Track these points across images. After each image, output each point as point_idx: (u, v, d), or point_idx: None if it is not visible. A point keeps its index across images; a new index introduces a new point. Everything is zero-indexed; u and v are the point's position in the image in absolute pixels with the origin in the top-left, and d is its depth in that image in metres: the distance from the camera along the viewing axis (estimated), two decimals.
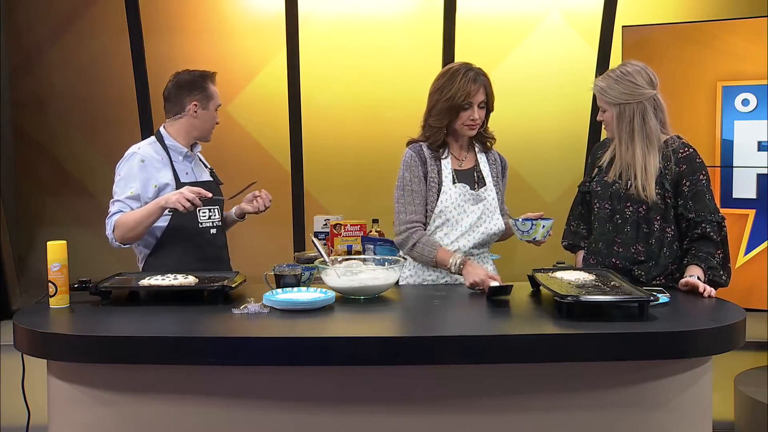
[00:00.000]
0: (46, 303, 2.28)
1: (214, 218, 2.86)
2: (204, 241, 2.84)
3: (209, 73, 2.84)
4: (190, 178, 2.85)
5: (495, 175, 2.77)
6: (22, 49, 4.39)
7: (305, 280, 2.51)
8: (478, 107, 2.63)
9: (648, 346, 1.98)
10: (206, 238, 2.84)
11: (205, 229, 2.84)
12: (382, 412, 2.02)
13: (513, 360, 1.98)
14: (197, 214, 2.81)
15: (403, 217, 2.67)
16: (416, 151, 2.69)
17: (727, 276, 2.56)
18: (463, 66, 2.66)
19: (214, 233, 2.87)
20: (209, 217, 2.84)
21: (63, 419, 2.11)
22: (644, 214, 2.60)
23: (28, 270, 4.45)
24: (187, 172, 2.85)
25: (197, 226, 2.82)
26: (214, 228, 2.86)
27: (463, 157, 2.75)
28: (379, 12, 4.39)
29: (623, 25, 3.89)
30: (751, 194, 3.53)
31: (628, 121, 2.58)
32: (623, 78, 2.58)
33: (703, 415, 2.14)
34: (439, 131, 2.67)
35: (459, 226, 2.68)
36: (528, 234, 2.55)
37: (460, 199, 2.68)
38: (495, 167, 2.78)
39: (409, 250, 2.66)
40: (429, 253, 2.62)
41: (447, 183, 2.67)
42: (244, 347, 1.96)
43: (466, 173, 2.73)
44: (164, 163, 2.80)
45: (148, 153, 2.80)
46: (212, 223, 2.85)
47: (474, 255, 2.71)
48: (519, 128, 4.37)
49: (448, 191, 2.67)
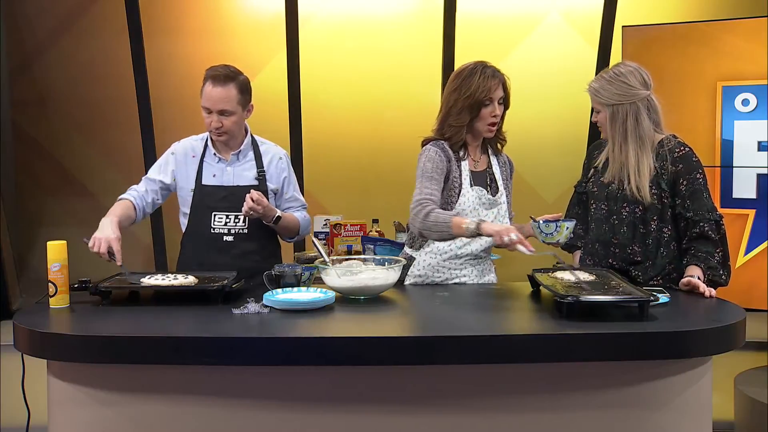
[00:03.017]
0: (46, 303, 2.28)
1: (231, 225, 2.79)
2: (216, 248, 2.79)
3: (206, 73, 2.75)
4: (219, 181, 2.81)
5: (505, 178, 2.77)
6: (22, 49, 4.39)
7: (305, 280, 2.51)
8: (498, 103, 2.63)
9: (648, 346, 1.98)
10: (218, 245, 2.79)
11: (218, 235, 2.79)
12: (382, 412, 2.02)
13: (513, 360, 1.97)
14: (212, 218, 2.79)
15: (418, 196, 2.57)
16: (441, 148, 2.63)
17: (727, 275, 2.56)
18: (479, 64, 2.66)
19: (230, 240, 2.80)
20: (225, 223, 2.79)
21: (63, 419, 2.11)
22: (641, 215, 2.60)
23: (28, 270, 4.45)
24: (215, 174, 2.81)
25: (210, 231, 2.79)
26: (231, 236, 2.80)
27: (477, 158, 2.74)
28: (379, 12, 4.39)
29: (623, 25, 3.90)
30: (751, 194, 3.53)
31: (621, 122, 2.58)
32: (616, 79, 2.58)
33: (703, 415, 2.14)
34: (460, 130, 2.64)
35: None
36: (552, 236, 2.45)
37: (476, 203, 2.66)
38: (504, 170, 2.78)
39: (423, 220, 2.52)
40: (444, 219, 2.48)
41: (466, 185, 2.65)
42: (244, 347, 1.96)
43: (480, 175, 2.72)
44: (194, 161, 2.81)
45: (183, 146, 2.86)
46: (228, 230, 2.80)
47: (481, 258, 2.71)
48: (519, 128, 4.33)
49: (467, 194, 2.65)
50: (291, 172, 2.96)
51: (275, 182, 2.89)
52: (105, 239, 2.49)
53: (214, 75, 2.71)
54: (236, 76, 2.74)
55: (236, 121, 2.76)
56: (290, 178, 2.94)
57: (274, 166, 2.88)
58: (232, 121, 2.74)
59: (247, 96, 2.78)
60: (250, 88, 2.81)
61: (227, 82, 2.70)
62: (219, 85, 2.70)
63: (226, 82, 2.70)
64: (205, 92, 2.72)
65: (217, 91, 2.70)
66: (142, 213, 2.83)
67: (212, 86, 2.70)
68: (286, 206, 2.92)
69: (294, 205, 2.95)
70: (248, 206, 2.63)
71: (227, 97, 2.71)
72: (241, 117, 2.78)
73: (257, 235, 2.82)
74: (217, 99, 2.70)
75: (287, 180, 2.92)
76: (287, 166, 2.93)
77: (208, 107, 2.72)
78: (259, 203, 2.64)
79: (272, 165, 2.88)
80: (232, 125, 2.75)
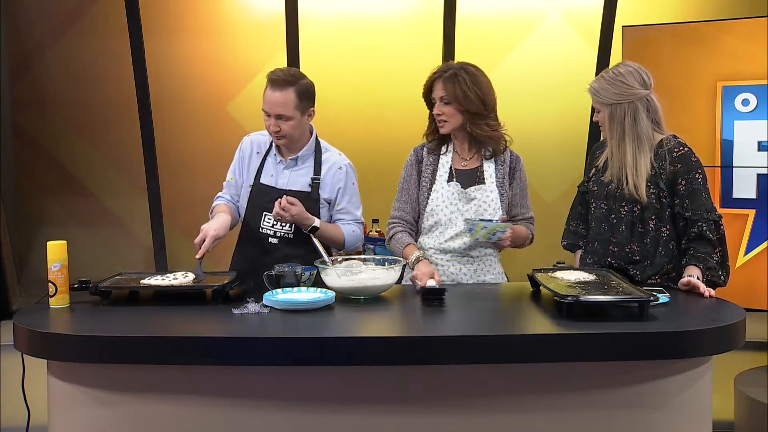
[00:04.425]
0: (46, 303, 2.28)
1: (277, 228, 2.78)
2: (260, 248, 2.79)
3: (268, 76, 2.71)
4: (274, 182, 2.80)
5: (501, 176, 2.75)
6: (22, 49, 4.38)
7: (305, 280, 2.51)
8: (441, 102, 2.67)
9: (648, 346, 1.98)
10: (263, 245, 2.79)
11: (264, 236, 2.79)
12: (382, 412, 2.02)
13: (513, 360, 1.98)
14: (262, 217, 2.79)
15: (391, 213, 2.80)
16: (416, 151, 2.80)
17: (726, 275, 2.56)
18: (444, 63, 2.75)
19: (274, 243, 2.79)
20: (272, 225, 2.78)
21: (63, 419, 2.11)
22: (639, 214, 2.60)
23: (28, 270, 4.45)
24: (272, 174, 2.81)
25: (259, 231, 2.80)
26: (276, 238, 2.79)
27: (467, 156, 2.75)
28: (379, 12, 4.39)
29: (623, 25, 3.89)
30: (751, 194, 3.53)
31: (619, 122, 2.58)
32: (615, 79, 2.59)
33: (703, 415, 2.14)
34: (429, 126, 2.78)
35: (453, 225, 2.70)
36: (470, 234, 2.62)
37: (452, 198, 2.69)
38: (503, 168, 2.76)
39: (388, 243, 2.80)
40: (397, 249, 2.74)
41: (440, 181, 2.70)
42: (244, 347, 1.96)
43: (467, 173, 2.73)
44: (258, 158, 2.84)
45: (251, 141, 2.89)
46: (274, 232, 2.79)
47: (472, 257, 2.72)
48: (519, 128, 4.32)
49: (440, 189, 2.70)
50: (350, 184, 2.88)
51: (329, 192, 2.84)
52: (204, 231, 2.56)
53: (273, 79, 2.69)
54: (297, 81, 2.70)
55: (294, 125, 2.73)
56: (346, 189, 2.87)
57: (331, 176, 2.84)
58: (290, 126, 2.71)
59: (307, 101, 2.74)
60: (312, 93, 2.77)
61: (286, 87, 2.67)
62: (278, 89, 2.67)
63: (285, 87, 2.67)
64: (265, 96, 2.70)
65: (275, 95, 2.67)
66: (238, 213, 2.88)
67: (271, 90, 2.68)
68: (338, 218, 2.87)
69: (345, 218, 2.87)
70: (275, 211, 2.64)
71: (285, 102, 2.67)
72: (300, 122, 2.74)
73: (302, 242, 2.77)
74: (274, 103, 2.68)
75: (342, 191, 2.86)
76: (345, 176, 2.86)
77: (267, 111, 2.71)
78: (286, 209, 2.63)
79: (329, 174, 2.84)
80: (290, 129, 2.72)
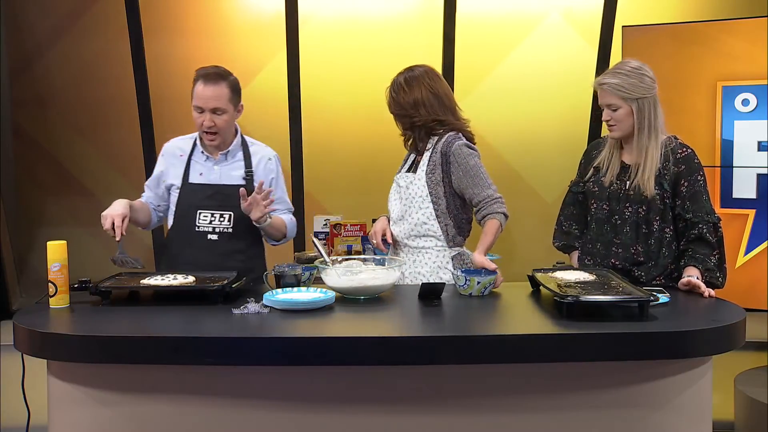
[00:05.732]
0: (46, 303, 2.28)
1: (216, 224, 2.80)
2: (200, 246, 2.79)
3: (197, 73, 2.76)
4: (205, 179, 2.82)
5: (432, 164, 2.72)
6: (22, 49, 4.39)
7: (305, 280, 2.51)
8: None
9: (648, 346, 1.98)
10: (203, 242, 2.79)
11: (203, 233, 2.80)
12: (382, 412, 2.02)
13: (513, 360, 1.98)
14: (197, 216, 2.79)
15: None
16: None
17: (723, 277, 2.56)
18: None
19: (214, 239, 2.80)
20: (210, 222, 2.80)
21: (63, 419, 2.11)
22: (644, 215, 2.60)
23: (28, 270, 4.45)
24: (201, 173, 2.82)
25: (194, 229, 2.79)
26: (215, 234, 2.80)
27: (422, 149, 2.79)
28: (379, 12, 4.39)
29: (623, 25, 3.90)
30: (751, 194, 3.53)
31: (646, 115, 2.56)
32: (635, 72, 2.56)
33: (703, 415, 2.14)
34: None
35: (393, 215, 2.83)
36: (464, 289, 2.42)
37: (392, 188, 2.85)
38: (434, 156, 2.72)
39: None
40: None
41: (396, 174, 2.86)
42: (244, 347, 1.96)
43: (414, 163, 2.82)
44: (181, 160, 2.83)
45: (171, 146, 2.91)
46: (213, 228, 2.80)
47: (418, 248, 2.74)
48: (519, 128, 4.37)
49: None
50: (280, 174, 2.95)
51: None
52: (110, 215, 2.55)
53: (205, 74, 2.73)
54: (227, 76, 2.77)
55: (228, 120, 2.77)
56: (278, 179, 2.93)
57: (262, 167, 2.88)
58: (224, 120, 2.76)
59: (237, 96, 2.80)
60: (240, 88, 2.83)
61: (219, 81, 2.72)
62: (211, 83, 2.71)
63: (218, 81, 2.72)
64: (197, 92, 2.73)
65: (209, 89, 2.71)
66: (156, 216, 2.91)
67: (204, 85, 2.71)
68: (272, 208, 2.87)
69: (280, 208, 2.92)
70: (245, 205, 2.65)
71: (219, 96, 2.72)
72: (232, 116, 2.79)
73: (242, 235, 2.82)
74: (209, 97, 2.71)
75: (275, 181, 2.91)
76: (276, 167, 2.93)
77: (200, 106, 2.73)
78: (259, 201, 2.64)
79: (260, 166, 2.88)
80: (224, 124, 2.76)
